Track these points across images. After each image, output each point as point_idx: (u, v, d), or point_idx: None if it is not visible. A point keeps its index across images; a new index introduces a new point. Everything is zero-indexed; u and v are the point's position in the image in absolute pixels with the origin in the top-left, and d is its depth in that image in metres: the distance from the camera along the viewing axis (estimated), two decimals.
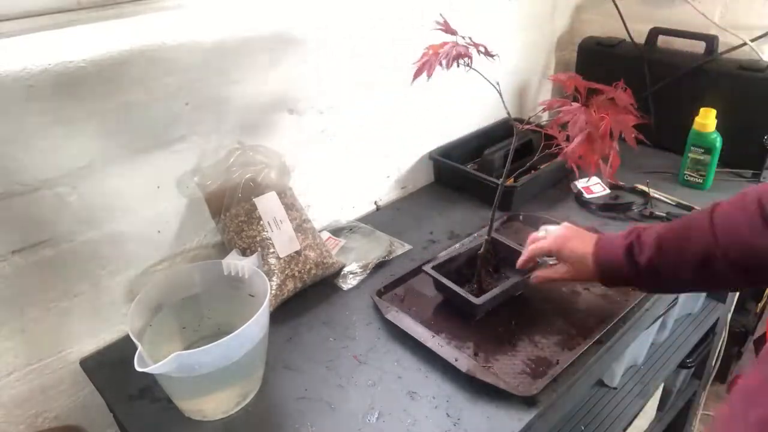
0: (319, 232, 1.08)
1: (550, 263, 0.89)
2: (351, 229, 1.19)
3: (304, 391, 0.82)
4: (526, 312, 0.94)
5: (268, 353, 0.84)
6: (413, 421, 0.76)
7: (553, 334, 0.89)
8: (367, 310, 0.97)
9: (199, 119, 0.93)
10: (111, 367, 0.90)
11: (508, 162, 0.89)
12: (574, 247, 0.83)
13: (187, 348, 0.87)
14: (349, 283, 1.03)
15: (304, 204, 1.07)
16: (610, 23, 1.49)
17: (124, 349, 0.86)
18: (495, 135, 1.42)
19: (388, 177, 1.31)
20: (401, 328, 0.90)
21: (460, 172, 1.31)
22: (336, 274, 1.04)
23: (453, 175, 1.34)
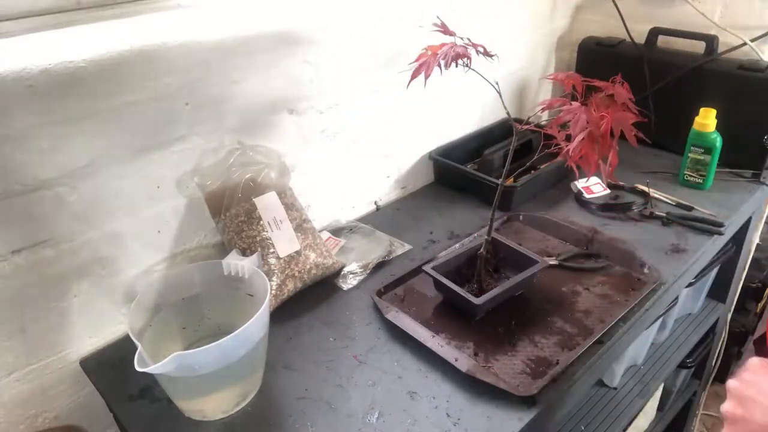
0: (319, 232, 1.08)
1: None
2: (351, 229, 1.19)
3: (304, 391, 0.82)
4: (526, 312, 0.94)
5: (268, 353, 0.84)
6: (413, 421, 0.76)
7: (553, 334, 0.89)
8: (367, 310, 0.97)
9: (199, 119, 0.93)
10: (111, 367, 0.90)
11: (508, 162, 0.89)
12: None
13: (187, 348, 0.87)
14: (349, 283, 1.03)
15: (304, 204, 1.07)
16: (610, 23, 1.49)
17: (124, 349, 0.87)
18: (495, 135, 1.42)
19: (388, 177, 1.31)
20: (401, 328, 0.90)
21: (460, 172, 1.31)
22: (336, 274, 1.04)
23: (453, 175, 1.34)
